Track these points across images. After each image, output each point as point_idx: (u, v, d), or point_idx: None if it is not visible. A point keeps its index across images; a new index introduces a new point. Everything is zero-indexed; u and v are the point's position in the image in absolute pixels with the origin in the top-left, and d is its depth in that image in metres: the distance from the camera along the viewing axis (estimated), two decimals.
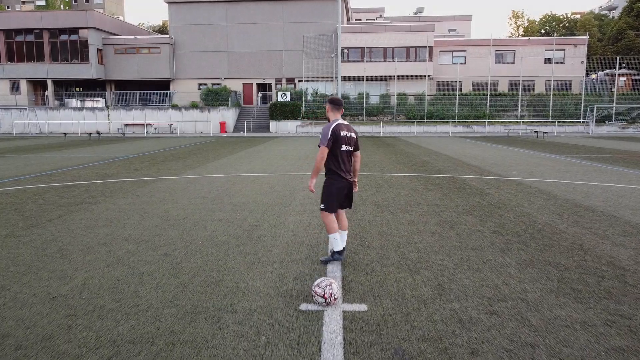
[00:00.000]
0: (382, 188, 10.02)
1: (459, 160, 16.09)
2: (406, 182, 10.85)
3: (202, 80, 44.58)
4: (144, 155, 18.61)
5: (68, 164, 15.10)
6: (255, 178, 11.64)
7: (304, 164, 15.05)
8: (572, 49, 43.83)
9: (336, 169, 4.87)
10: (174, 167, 14.26)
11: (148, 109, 40.63)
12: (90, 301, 4.00)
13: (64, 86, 45.99)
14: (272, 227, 6.59)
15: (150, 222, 6.91)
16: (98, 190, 9.77)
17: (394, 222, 6.85)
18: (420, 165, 14.58)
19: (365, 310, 3.80)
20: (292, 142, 26.65)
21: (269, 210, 7.72)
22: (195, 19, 43.95)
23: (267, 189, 9.98)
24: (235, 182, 10.88)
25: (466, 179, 11.43)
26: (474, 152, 19.69)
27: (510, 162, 15.50)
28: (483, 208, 7.88)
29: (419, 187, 10.18)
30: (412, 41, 42.21)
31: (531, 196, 8.99)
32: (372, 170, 13.34)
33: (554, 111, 41.05)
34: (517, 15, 62.80)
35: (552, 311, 3.78)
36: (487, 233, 6.23)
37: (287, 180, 11.22)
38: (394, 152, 19.66)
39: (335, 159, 4.85)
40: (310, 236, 6.11)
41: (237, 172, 12.96)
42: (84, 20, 42.60)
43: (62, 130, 39.41)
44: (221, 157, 17.59)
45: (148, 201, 8.55)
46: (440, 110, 40.88)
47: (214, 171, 13.11)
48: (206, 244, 5.76)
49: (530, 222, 6.87)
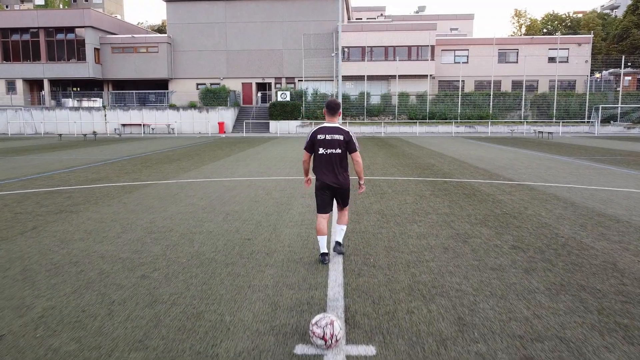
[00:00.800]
0: (386, 194, 9.37)
1: (464, 162, 15.44)
2: (411, 188, 10.20)
3: (200, 80, 43.95)
4: (138, 157, 17.96)
5: (57, 167, 14.45)
6: (252, 182, 10.99)
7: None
8: (576, 48, 43.16)
9: (315, 171, 5.09)
10: (167, 170, 13.61)
11: (145, 109, 39.99)
12: (43, 341, 3.34)
13: (61, 86, 45.38)
14: (267, 242, 5.94)
15: (132, 235, 6.26)
16: (82, 197, 9.12)
17: (401, 235, 6.20)
18: (425, 168, 13.93)
19: (373, 355, 3.15)
20: (291, 143, 26.00)
21: (264, 221, 7.06)
22: (193, 18, 43.31)
23: (264, 195, 9.33)
24: (230, 187, 10.22)
25: (475, 183, 10.78)
26: (478, 153, 19.04)
27: (518, 164, 14.84)
28: (497, 218, 7.23)
29: (426, 192, 9.52)
30: (414, 40, 41.55)
31: (547, 203, 8.34)
32: (374, 173, 12.69)
33: (558, 111, 40.38)
34: (519, 14, 62.10)
35: (599, 356, 3.13)
36: (505, 248, 5.58)
37: (285, 185, 10.57)
38: (397, 153, 19.00)
39: (315, 161, 5.08)
40: (308, 253, 5.45)
41: (233, 175, 12.31)
42: (80, 19, 41.97)
43: (59, 131, 38.79)
44: (217, 159, 16.94)
45: (134, 209, 7.90)
46: (442, 110, 40.22)
47: (208, 175, 12.47)
48: (191, 262, 5.11)
49: (551, 234, 6.22)
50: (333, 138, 4.94)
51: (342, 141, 4.95)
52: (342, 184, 5.03)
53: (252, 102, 44.16)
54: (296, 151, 20.27)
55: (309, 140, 5.05)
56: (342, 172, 5.01)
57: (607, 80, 45.01)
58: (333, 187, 5.02)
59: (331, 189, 5.03)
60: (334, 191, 5.07)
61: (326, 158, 4.96)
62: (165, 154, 19.45)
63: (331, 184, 4.99)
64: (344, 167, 5.05)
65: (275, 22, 42.80)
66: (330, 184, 4.99)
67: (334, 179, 4.98)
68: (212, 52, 43.64)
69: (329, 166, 4.97)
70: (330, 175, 4.97)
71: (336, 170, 4.98)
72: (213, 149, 21.71)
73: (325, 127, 5.00)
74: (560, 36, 42.21)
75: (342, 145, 4.95)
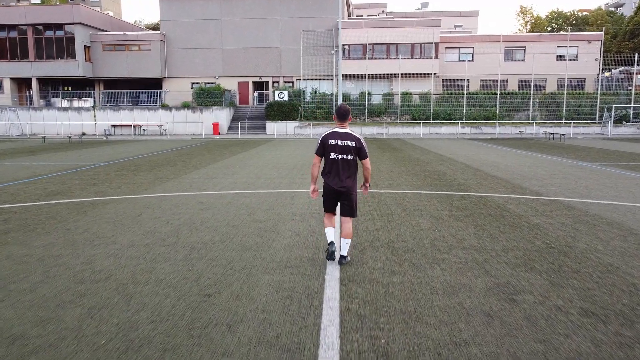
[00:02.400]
0: (395, 215, 7.67)
1: (479, 170, 13.74)
2: (424, 205, 8.50)
3: (195, 78, 42.24)
4: (117, 163, 16.27)
5: (19, 176, 12.75)
6: (234, 198, 9.29)
7: (297, 176, 12.72)
8: (586, 46, 41.44)
9: (324, 174, 5.16)
10: (143, 180, 11.92)
11: (137, 109, 38.26)
12: None
13: (52, 85, 43.66)
14: (233, 300, 4.25)
15: (50, 287, 4.57)
16: (21, 220, 7.42)
17: (421, 288, 4.50)
18: (436, 177, 12.23)
19: None
20: (288, 146, 24.31)
21: (237, 261, 5.37)
22: (187, 14, 41.60)
23: (245, 216, 7.64)
24: (206, 206, 8.53)
25: (499, 199, 9.08)
26: (492, 158, 17.35)
27: (541, 172, 13.14)
28: (542, 254, 5.53)
29: (443, 213, 7.82)
30: (417, 37, 39.82)
31: (597, 230, 6.64)
32: (379, 184, 10.99)
33: (567, 111, 38.66)
34: (525, 11, 60.34)
35: None
36: (574, 315, 3.89)
37: (273, 202, 8.87)
38: (402, 158, 17.31)
39: (325, 165, 5.14)
40: (289, 323, 3.76)
41: (215, 187, 10.62)
42: (70, 15, 40.22)
43: (46, 132, 37.12)
44: (203, 165, 15.26)
45: (75, 241, 6.20)
46: (446, 111, 38.50)
47: (187, 187, 10.78)
48: (111, 345, 3.41)
49: (627, 285, 4.52)
50: (345, 144, 5.00)
51: (353, 147, 5.00)
52: (348, 189, 5.07)
53: (249, 102, 42.47)
54: (292, 156, 18.58)
55: (320, 144, 5.09)
56: (350, 177, 5.07)
57: (618, 79, 43.26)
58: (339, 191, 5.08)
59: (337, 193, 5.09)
60: (340, 195, 5.12)
61: (337, 163, 5.04)
62: (148, 159, 17.76)
63: (338, 189, 5.06)
64: (353, 172, 5.09)
65: (273, 18, 41.09)
66: (337, 189, 5.06)
67: (341, 184, 5.05)
68: (207, 49, 41.93)
69: (339, 171, 5.04)
70: (338, 179, 5.05)
71: (345, 175, 5.05)
72: (202, 153, 20.01)
73: (336, 132, 5.04)
74: (570, 33, 40.45)
75: (353, 152, 5.01)
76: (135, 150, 22.09)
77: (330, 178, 5.07)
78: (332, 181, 5.05)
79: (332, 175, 5.05)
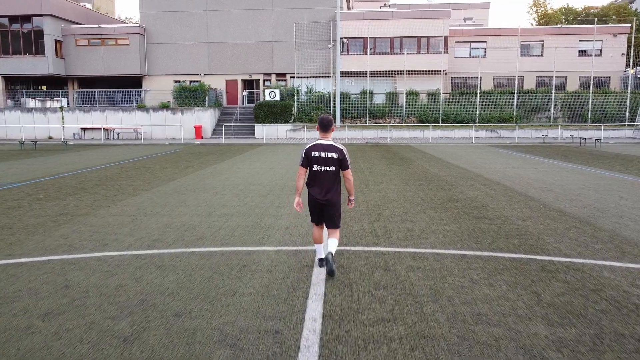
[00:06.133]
0: (439, 340, 3.58)
1: (529, 197, 9.63)
2: (490, 301, 4.41)
3: (178, 76, 38.24)
4: (40, 182, 12.20)
5: None
6: (160, 260, 5.19)
7: (280, 196, 8.80)
8: (611, 39, 37.35)
9: (308, 186, 5.17)
10: (64, 210, 7.81)
11: (110, 111, 34.19)
12: None
13: (26, 84, 39.56)
14: None
15: None
16: None
17: None
18: (478, 214, 8.11)
19: None
20: (276, 154, 20.25)
21: None
22: (170, 5, 37.60)
23: (206, 274, 3.55)
24: (106, 281, 4.44)
25: (610, 276, 4.97)
26: (532, 174, 13.28)
27: (614, 200, 9.03)
28: None
29: (538, 338, 3.74)
30: (424, 30, 35.77)
31: None
32: (389, 230, 6.87)
33: (593, 112, 34.57)
34: (538, 4, 56.24)
35: None
36: None
37: (244, 240, 4.79)
38: (415, 175, 13.22)
39: (309, 177, 5.16)
40: None
41: (170, 217, 6.53)
42: (38, 6, 36.16)
43: (8, 136, 33.09)
44: (146, 187, 11.17)
45: None
46: (457, 112, 34.44)
47: (136, 213, 6.71)
48: None
49: None
50: (327, 156, 5.03)
51: (336, 159, 5.03)
52: (331, 200, 5.07)
53: (238, 102, 38.40)
54: (280, 167, 14.51)
55: (304, 157, 5.10)
56: (333, 189, 5.08)
57: None
58: (322, 204, 5.08)
59: (320, 205, 5.10)
60: (323, 207, 5.12)
61: (320, 175, 5.06)
62: (88, 175, 13.70)
63: (321, 200, 5.06)
64: (337, 184, 5.11)
65: (264, 9, 37.05)
66: (320, 200, 5.06)
67: (324, 196, 5.05)
68: (192, 44, 37.90)
69: (322, 183, 5.07)
70: (322, 191, 5.06)
71: (327, 187, 5.06)
72: (163, 166, 15.94)
73: (319, 145, 5.07)
74: (594, 26, 36.37)
75: (336, 164, 5.04)
76: (88, 160, 18.00)
77: (314, 190, 5.09)
78: (317, 193, 5.07)
79: (315, 187, 5.08)
